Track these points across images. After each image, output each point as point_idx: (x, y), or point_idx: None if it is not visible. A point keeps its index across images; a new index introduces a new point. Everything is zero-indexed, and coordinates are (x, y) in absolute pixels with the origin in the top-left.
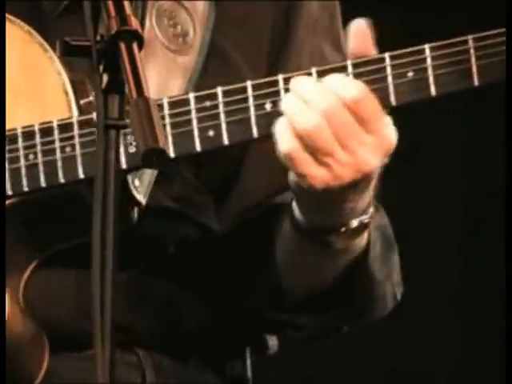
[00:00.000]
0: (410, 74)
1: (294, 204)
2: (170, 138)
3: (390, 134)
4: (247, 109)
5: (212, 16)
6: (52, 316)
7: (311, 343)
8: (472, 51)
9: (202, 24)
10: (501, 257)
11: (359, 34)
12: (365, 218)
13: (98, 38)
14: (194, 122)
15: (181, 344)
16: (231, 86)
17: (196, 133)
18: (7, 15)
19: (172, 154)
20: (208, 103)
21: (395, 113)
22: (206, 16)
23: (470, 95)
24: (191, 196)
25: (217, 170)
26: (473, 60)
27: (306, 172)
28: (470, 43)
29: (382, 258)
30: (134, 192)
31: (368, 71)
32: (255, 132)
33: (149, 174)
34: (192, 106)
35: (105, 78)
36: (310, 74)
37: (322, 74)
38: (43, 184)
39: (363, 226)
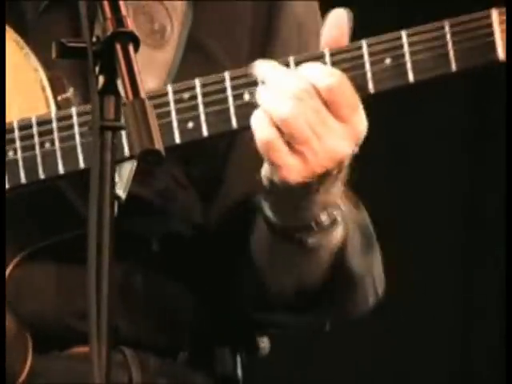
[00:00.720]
0: (388, 61)
1: (264, 202)
2: None
3: (360, 122)
4: (225, 99)
5: (190, 12)
6: (35, 313)
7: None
8: (448, 36)
9: (180, 19)
10: (501, 256)
11: (337, 25)
12: (335, 213)
13: (94, 39)
14: (173, 114)
15: (168, 342)
16: (209, 77)
17: (175, 124)
18: None
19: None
20: (186, 95)
21: (374, 100)
22: (183, 12)
23: (471, 90)
24: (176, 192)
25: (205, 168)
26: (450, 45)
27: (281, 162)
28: (447, 28)
29: (361, 253)
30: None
31: (345, 59)
32: (234, 123)
33: (128, 169)
34: (170, 97)
35: (101, 79)
36: (287, 65)
37: (299, 64)
38: (23, 180)
39: (334, 221)
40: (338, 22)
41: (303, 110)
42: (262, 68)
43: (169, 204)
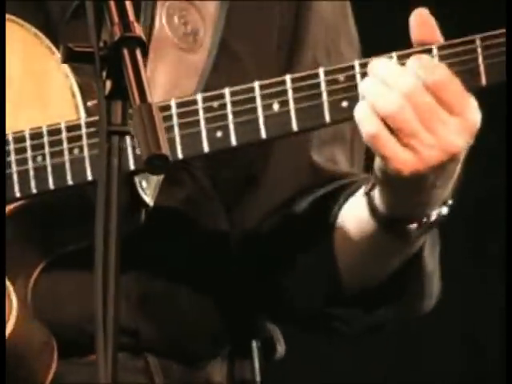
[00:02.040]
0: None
1: (375, 193)
2: (177, 139)
3: (473, 114)
4: (255, 109)
5: (222, 15)
6: (57, 319)
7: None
8: (479, 50)
9: (213, 23)
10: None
11: (423, 22)
12: (444, 210)
13: (101, 44)
14: (202, 123)
15: (190, 350)
16: (238, 87)
17: (204, 133)
18: (15, 19)
19: (180, 156)
20: (215, 103)
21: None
22: (216, 15)
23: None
24: (200, 200)
25: (232, 173)
26: (480, 59)
27: (391, 154)
28: (478, 43)
29: (431, 250)
30: (142, 193)
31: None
32: (263, 133)
33: (156, 177)
34: (200, 105)
35: (108, 84)
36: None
37: (402, 58)
38: (52, 186)
39: (441, 218)
40: (423, 20)
41: (412, 104)
42: (372, 63)
43: (193, 213)
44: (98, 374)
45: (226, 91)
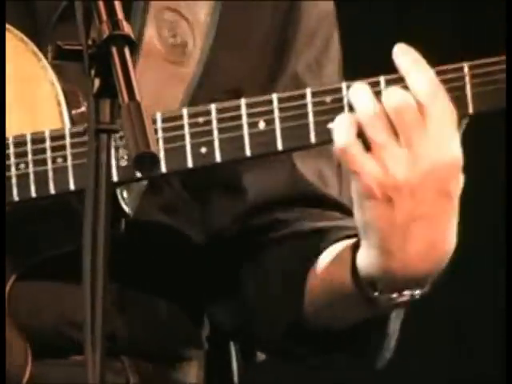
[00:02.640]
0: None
1: (360, 250)
2: (162, 153)
3: (456, 147)
4: (240, 127)
5: (213, 28)
6: (35, 324)
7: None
8: (467, 79)
9: (203, 36)
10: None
11: (406, 52)
12: (417, 293)
13: (90, 42)
14: (187, 138)
15: (163, 350)
16: (225, 104)
17: (188, 149)
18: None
19: (163, 170)
20: (201, 119)
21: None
22: (206, 28)
23: None
24: (179, 206)
25: (203, 179)
26: (468, 88)
27: (358, 167)
28: (466, 70)
29: (398, 313)
30: (122, 204)
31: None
32: (248, 151)
33: (137, 186)
34: (185, 121)
35: (96, 82)
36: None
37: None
38: (33, 194)
39: (411, 299)
40: (404, 51)
41: (394, 115)
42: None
43: (172, 220)
44: (87, 374)
45: (212, 107)
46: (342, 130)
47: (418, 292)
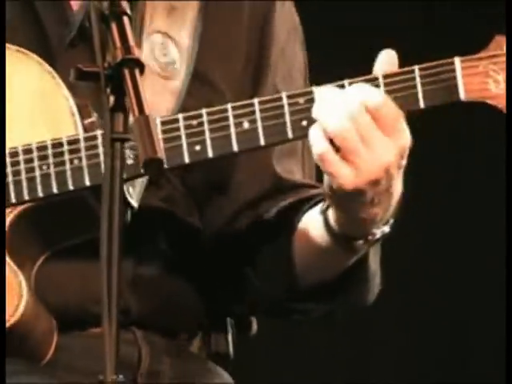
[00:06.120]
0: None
1: (329, 213)
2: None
3: (403, 135)
4: (228, 127)
5: (195, 47)
6: (60, 301)
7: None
8: (418, 79)
9: (187, 54)
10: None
11: (388, 62)
12: (386, 229)
13: (106, 65)
14: (183, 138)
15: (171, 325)
16: (214, 108)
17: (185, 147)
18: (19, 49)
19: (165, 166)
20: (194, 122)
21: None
22: (190, 47)
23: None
24: (177, 198)
25: (201, 176)
26: (419, 86)
27: (335, 171)
28: (416, 72)
29: (374, 254)
30: (128, 197)
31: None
32: (235, 147)
33: (140, 182)
34: (181, 124)
35: (111, 98)
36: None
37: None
38: (55, 190)
39: (383, 235)
40: (389, 60)
41: (354, 125)
42: (320, 89)
43: (172, 208)
44: (104, 345)
45: (204, 111)
46: (317, 140)
47: (386, 228)
